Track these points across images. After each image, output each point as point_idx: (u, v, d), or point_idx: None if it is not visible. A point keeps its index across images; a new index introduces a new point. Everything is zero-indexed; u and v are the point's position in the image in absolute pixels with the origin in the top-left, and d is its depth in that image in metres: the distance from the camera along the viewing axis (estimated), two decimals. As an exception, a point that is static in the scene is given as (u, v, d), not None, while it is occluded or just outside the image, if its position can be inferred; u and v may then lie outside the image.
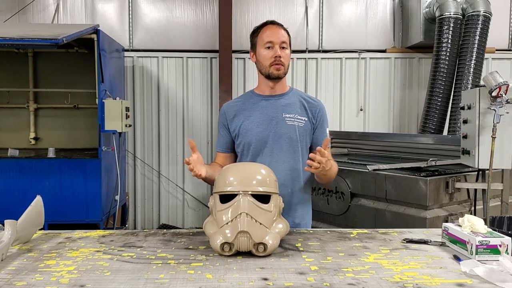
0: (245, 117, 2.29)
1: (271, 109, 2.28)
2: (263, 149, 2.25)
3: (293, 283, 1.43)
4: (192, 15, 6.81)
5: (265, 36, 2.23)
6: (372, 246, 1.85)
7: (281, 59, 2.20)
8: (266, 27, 2.26)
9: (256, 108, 2.30)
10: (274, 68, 2.22)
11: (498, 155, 3.49)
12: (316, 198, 4.52)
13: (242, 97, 2.43)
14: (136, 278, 1.47)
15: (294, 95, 2.35)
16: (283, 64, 2.22)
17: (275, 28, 2.25)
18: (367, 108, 6.93)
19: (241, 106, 2.33)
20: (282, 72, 2.24)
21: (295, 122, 2.27)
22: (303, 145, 2.29)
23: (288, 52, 2.25)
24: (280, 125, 2.25)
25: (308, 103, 2.34)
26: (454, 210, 3.82)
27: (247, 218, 1.67)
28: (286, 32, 2.26)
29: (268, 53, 2.22)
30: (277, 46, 2.20)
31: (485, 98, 3.48)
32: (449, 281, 1.45)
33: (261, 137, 2.24)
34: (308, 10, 6.85)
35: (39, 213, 1.91)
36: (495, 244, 1.65)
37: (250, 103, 2.33)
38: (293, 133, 2.25)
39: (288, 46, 2.25)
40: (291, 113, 2.28)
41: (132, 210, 6.79)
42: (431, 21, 6.24)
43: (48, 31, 5.16)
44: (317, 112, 2.34)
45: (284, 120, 2.26)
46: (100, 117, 5.22)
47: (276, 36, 2.22)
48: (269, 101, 2.31)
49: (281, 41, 2.21)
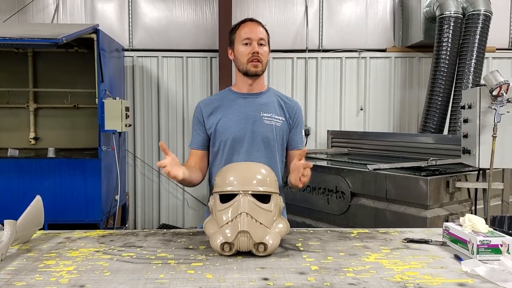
0: (222, 115, 2.26)
1: (249, 107, 2.26)
2: (240, 148, 2.22)
3: (293, 283, 1.42)
4: (192, 14, 6.80)
5: (243, 33, 2.21)
6: (373, 246, 1.85)
7: (258, 55, 2.18)
8: (244, 24, 2.24)
9: (234, 106, 2.28)
10: (251, 65, 2.20)
11: (498, 154, 3.48)
12: (316, 198, 4.52)
13: (218, 94, 2.41)
14: (136, 278, 1.46)
15: (272, 95, 2.34)
16: (260, 61, 2.20)
17: (253, 25, 2.23)
18: (367, 108, 6.92)
19: (218, 104, 2.30)
20: (259, 69, 2.22)
21: (272, 122, 2.25)
22: (279, 144, 2.28)
23: (266, 49, 2.23)
24: (257, 124, 2.23)
25: (285, 104, 2.33)
26: (455, 209, 3.81)
27: (247, 218, 1.66)
28: (264, 30, 2.25)
29: (246, 49, 2.20)
30: (255, 43, 2.18)
31: (486, 97, 3.47)
32: (450, 281, 1.45)
33: (238, 135, 2.22)
34: (308, 10, 6.84)
35: (38, 213, 1.91)
36: (496, 243, 1.64)
37: (227, 101, 2.30)
38: (270, 132, 2.24)
39: (266, 44, 2.23)
40: (269, 112, 2.27)
41: (132, 210, 6.78)
42: (432, 20, 6.23)
43: (47, 30, 5.15)
44: (294, 113, 2.34)
45: (261, 119, 2.24)
46: (100, 117, 5.21)
47: (254, 32, 2.20)
48: (247, 99, 2.29)
49: (259, 37, 2.19)
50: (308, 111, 6.85)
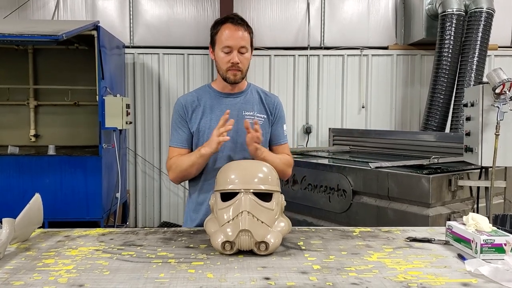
0: (203, 114, 2.24)
1: (230, 107, 2.22)
2: (223, 148, 2.17)
3: (295, 282, 1.41)
4: (193, 11, 6.78)
5: (223, 38, 2.15)
6: (375, 245, 1.83)
7: (238, 65, 2.14)
8: (226, 27, 2.16)
9: (215, 105, 2.25)
10: (230, 73, 2.17)
11: (501, 152, 3.47)
12: (317, 196, 4.50)
13: (198, 92, 2.34)
14: (136, 277, 1.45)
15: (253, 91, 2.33)
16: (240, 69, 2.17)
17: (235, 30, 2.14)
18: (369, 105, 6.90)
19: (198, 101, 2.27)
20: (239, 78, 2.19)
21: (255, 120, 2.22)
22: (262, 142, 2.22)
23: (247, 55, 2.18)
24: (240, 123, 2.19)
25: (265, 99, 2.33)
26: (457, 208, 3.80)
27: (249, 217, 1.65)
28: (247, 32, 2.17)
29: (226, 57, 2.15)
30: (235, 52, 2.13)
31: (489, 95, 3.46)
32: (454, 281, 1.43)
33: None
34: (310, 7, 6.82)
35: (37, 211, 1.89)
36: (500, 243, 1.63)
37: (208, 99, 2.27)
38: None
39: (248, 49, 2.17)
40: (251, 110, 2.26)
41: (133, 207, 6.77)
42: (434, 18, 6.20)
43: (48, 27, 5.13)
44: (275, 108, 2.34)
45: (244, 117, 2.21)
46: (101, 114, 5.19)
47: (234, 39, 2.13)
48: (228, 98, 2.27)
49: (239, 45, 2.13)
50: (309, 108, 6.83)
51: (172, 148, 2.27)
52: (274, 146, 2.36)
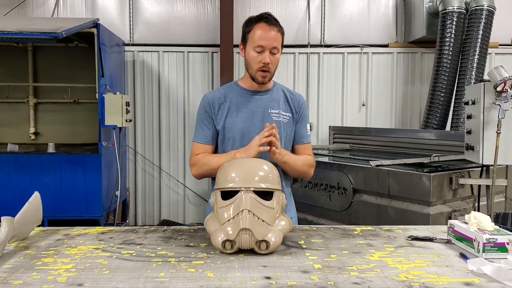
0: (230, 111, 2.24)
1: (257, 104, 2.25)
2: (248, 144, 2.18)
3: (296, 282, 1.39)
4: (193, 9, 6.76)
5: (256, 38, 2.13)
6: (377, 244, 1.82)
7: (269, 65, 2.15)
8: (260, 26, 2.14)
9: (241, 103, 2.26)
10: (260, 75, 2.18)
11: (502, 150, 3.47)
12: (318, 194, 4.50)
13: (224, 88, 2.35)
14: (136, 276, 1.44)
15: (279, 90, 2.34)
16: (269, 70, 2.17)
17: (269, 30, 2.13)
18: (369, 104, 6.89)
19: (225, 98, 2.27)
20: (267, 79, 2.21)
21: (280, 118, 2.25)
22: (287, 140, 2.28)
23: (278, 56, 2.18)
24: (265, 121, 2.20)
25: (291, 97, 2.34)
26: (458, 206, 3.79)
27: (249, 215, 1.63)
28: (279, 32, 2.17)
29: (257, 56, 2.15)
30: (267, 52, 2.13)
31: (490, 93, 3.45)
32: (456, 280, 1.42)
33: (246, 132, 2.21)
34: (310, 5, 6.80)
35: (37, 210, 1.88)
36: (503, 241, 1.62)
37: (234, 96, 2.28)
38: (278, 129, 2.21)
39: (279, 50, 2.18)
40: (276, 108, 2.27)
41: (133, 205, 6.77)
42: (434, 16, 6.19)
43: (47, 24, 5.12)
44: (299, 107, 2.35)
45: (269, 116, 2.24)
46: (100, 112, 5.18)
47: (267, 39, 2.12)
48: (255, 96, 2.28)
49: (272, 46, 2.13)
50: (310, 106, 6.82)
51: (196, 144, 2.27)
52: (297, 145, 2.36)
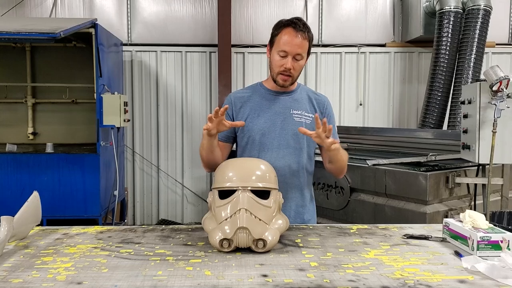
0: (251, 110, 2.26)
1: (279, 104, 2.26)
2: (269, 144, 2.22)
3: (293, 279, 1.41)
4: (191, 9, 6.77)
5: (282, 42, 2.13)
6: (373, 242, 1.84)
7: (290, 71, 2.15)
8: (287, 31, 2.13)
9: (264, 103, 2.27)
10: (280, 78, 2.18)
11: (498, 149, 3.48)
12: (315, 193, 4.49)
13: (250, 89, 2.38)
14: (134, 275, 1.45)
15: (303, 92, 2.34)
16: (291, 75, 2.17)
17: (295, 36, 2.11)
18: (367, 103, 6.91)
19: (248, 98, 2.29)
20: (288, 83, 2.21)
21: (302, 119, 2.24)
22: (309, 142, 2.25)
23: (302, 62, 2.18)
24: (287, 122, 2.23)
25: (315, 100, 2.33)
26: (454, 205, 3.81)
27: (246, 214, 1.65)
28: (306, 40, 2.14)
29: (280, 61, 2.15)
30: (290, 58, 2.13)
31: (486, 92, 3.47)
32: (451, 278, 1.44)
33: (267, 132, 2.22)
34: (308, 4, 6.82)
35: (36, 209, 1.89)
36: (497, 240, 1.63)
37: (257, 96, 2.29)
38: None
39: (303, 57, 2.16)
40: (299, 109, 2.26)
41: (131, 205, 6.78)
42: (431, 15, 6.21)
43: (45, 25, 5.12)
44: (325, 108, 2.34)
45: (291, 116, 2.24)
46: (99, 112, 5.19)
47: (292, 46, 2.11)
48: (277, 96, 2.28)
49: (296, 52, 2.12)
50: (307, 106, 6.82)
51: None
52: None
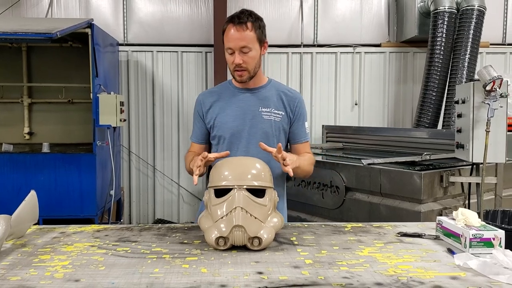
0: (220, 109, 2.26)
1: (248, 102, 2.25)
2: (238, 144, 2.21)
3: (287, 276, 1.43)
4: (187, 9, 6.78)
5: (226, 40, 2.13)
6: (367, 240, 1.86)
7: (241, 65, 2.12)
8: (228, 28, 2.12)
9: (232, 101, 2.26)
10: (236, 75, 2.18)
11: (492, 149, 3.51)
12: (310, 192, 4.54)
13: (218, 87, 2.38)
14: (131, 272, 1.47)
15: (272, 88, 2.31)
16: (245, 69, 2.14)
17: (236, 31, 2.09)
18: (362, 103, 6.93)
19: (217, 97, 2.29)
20: (245, 78, 2.18)
21: (271, 117, 2.24)
22: (279, 140, 2.25)
23: (252, 53, 2.12)
24: (256, 120, 2.22)
25: (286, 96, 2.30)
26: (448, 204, 3.84)
27: (242, 212, 1.67)
28: (251, 30, 2.10)
29: (229, 58, 2.15)
30: (237, 52, 2.10)
31: (479, 92, 3.50)
32: (443, 274, 1.46)
33: (236, 131, 2.22)
34: (303, 4, 6.83)
35: (33, 208, 1.91)
36: (489, 237, 1.66)
37: (226, 95, 2.29)
38: (269, 128, 2.23)
39: (252, 47, 2.11)
40: (268, 107, 2.25)
41: (127, 205, 6.78)
42: (426, 16, 6.24)
43: (41, 25, 5.12)
44: (295, 105, 2.30)
45: (260, 114, 2.23)
46: (95, 111, 5.19)
47: (234, 41, 2.09)
48: (246, 94, 2.27)
49: (239, 46, 2.09)
50: (303, 106, 6.84)
51: (191, 142, 2.39)
52: (295, 144, 2.34)
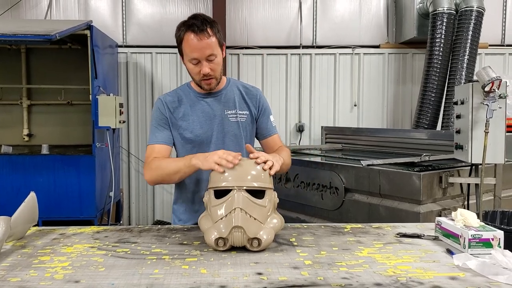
0: (185, 116, 2.18)
1: (212, 107, 2.20)
2: (208, 150, 2.12)
3: (287, 277, 1.43)
4: (185, 10, 6.78)
5: (188, 50, 2.03)
6: (366, 241, 1.86)
7: (210, 73, 2.05)
8: (188, 36, 2.01)
9: (196, 107, 2.19)
10: (204, 83, 2.11)
11: (491, 149, 3.51)
12: (310, 194, 4.53)
13: (178, 91, 2.26)
14: (131, 273, 1.47)
15: (233, 88, 2.27)
16: (213, 76, 2.09)
17: (198, 40, 1.99)
18: (361, 104, 6.94)
19: (179, 103, 2.20)
20: (213, 85, 2.13)
21: (238, 118, 2.21)
22: (247, 140, 2.24)
23: (218, 60, 2.07)
24: (223, 123, 2.19)
25: (247, 93, 2.28)
26: (448, 204, 3.83)
27: (242, 213, 1.67)
28: (213, 36, 2.03)
29: (195, 68, 2.06)
30: (204, 61, 2.03)
31: (478, 93, 3.49)
32: (442, 275, 1.46)
33: (205, 137, 2.17)
34: (302, 6, 6.84)
35: (33, 210, 1.91)
36: (488, 237, 1.66)
37: (189, 100, 2.21)
38: (237, 129, 2.21)
39: (217, 53, 2.05)
40: (232, 109, 2.22)
41: (127, 206, 6.78)
42: (425, 17, 6.25)
43: (41, 27, 5.13)
44: (257, 101, 2.28)
45: (226, 117, 2.20)
46: (94, 113, 5.20)
47: (199, 51, 2.00)
48: (208, 99, 2.21)
49: (206, 55, 2.01)
50: (302, 107, 6.86)
51: (151, 146, 2.16)
52: (266, 139, 2.33)
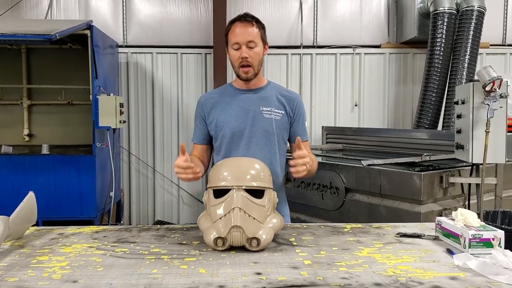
0: (222, 110, 2.30)
1: (248, 102, 2.29)
2: (240, 142, 2.25)
3: (286, 277, 1.43)
4: (186, 10, 6.78)
5: (232, 36, 2.20)
6: (366, 241, 1.85)
7: (248, 59, 2.18)
8: (234, 26, 2.21)
9: (233, 101, 2.31)
10: (242, 71, 2.22)
11: (491, 149, 3.50)
12: (310, 194, 4.53)
13: (219, 89, 2.42)
14: (129, 273, 1.47)
15: (272, 90, 2.36)
16: (250, 64, 2.20)
17: (242, 27, 2.19)
18: (362, 104, 6.93)
19: (218, 99, 2.34)
20: (250, 74, 2.23)
21: (272, 115, 2.28)
22: (279, 138, 2.30)
23: (257, 50, 2.21)
24: (257, 118, 2.26)
25: (285, 97, 2.35)
26: (448, 204, 3.83)
27: (240, 213, 1.66)
28: (256, 28, 2.21)
29: (236, 54, 2.20)
30: (244, 47, 2.17)
31: (479, 92, 3.49)
32: (442, 275, 1.46)
33: (238, 130, 2.25)
34: (303, 6, 6.84)
35: (31, 209, 1.91)
36: (488, 237, 1.65)
37: (227, 96, 2.34)
38: (270, 126, 2.26)
39: (257, 43, 2.20)
40: (268, 106, 2.29)
41: (127, 206, 6.77)
42: (426, 16, 6.24)
43: (41, 26, 5.12)
44: (295, 106, 2.35)
45: (261, 113, 2.27)
46: (94, 113, 5.19)
47: (242, 36, 2.17)
48: (246, 94, 2.32)
49: (247, 40, 2.17)
50: (302, 107, 6.84)
51: (193, 144, 2.41)
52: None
